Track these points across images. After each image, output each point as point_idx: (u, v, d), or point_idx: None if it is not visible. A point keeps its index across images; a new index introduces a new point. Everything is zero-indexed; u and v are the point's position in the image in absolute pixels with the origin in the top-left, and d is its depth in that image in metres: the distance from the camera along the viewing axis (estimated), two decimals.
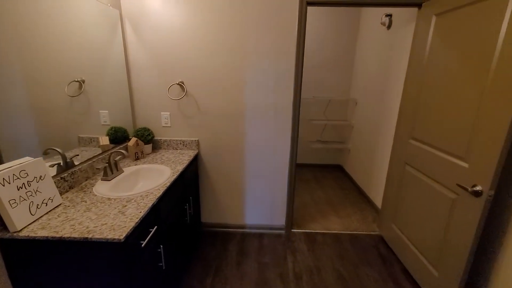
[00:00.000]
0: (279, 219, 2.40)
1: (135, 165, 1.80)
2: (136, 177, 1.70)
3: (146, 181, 1.69)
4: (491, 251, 1.45)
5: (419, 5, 1.89)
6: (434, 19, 1.72)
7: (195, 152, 2.14)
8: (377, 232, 2.42)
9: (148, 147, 2.07)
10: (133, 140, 1.90)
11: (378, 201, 2.72)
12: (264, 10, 1.90)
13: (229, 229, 2.43)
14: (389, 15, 2.67)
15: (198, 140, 2.19)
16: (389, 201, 2.21)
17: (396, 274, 1.93)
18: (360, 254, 2.14)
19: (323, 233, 2.42)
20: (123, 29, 1.94)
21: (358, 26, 3.54)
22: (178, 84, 2.06)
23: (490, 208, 1.40)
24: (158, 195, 1.35)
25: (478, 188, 1.32)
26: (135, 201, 1.29)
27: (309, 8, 3.45)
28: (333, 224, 2.56)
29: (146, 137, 2.04)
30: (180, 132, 2.18)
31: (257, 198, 2.35)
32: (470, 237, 1.37)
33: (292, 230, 2.44)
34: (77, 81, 1.51)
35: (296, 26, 1.92)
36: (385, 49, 2.75)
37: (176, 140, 2.17)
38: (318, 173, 3.88)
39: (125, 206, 1.24)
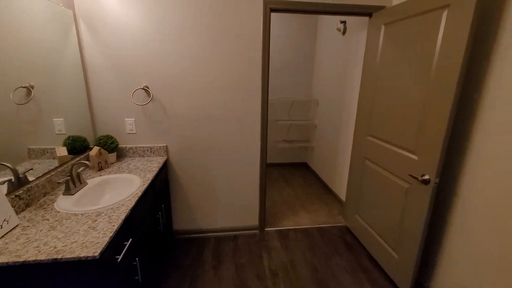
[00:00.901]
0: (253, 220, 2.45)
1: (100, 176, 1.69)
2: (102, 188, 1.60)
3: (114, 193, 1.60)
4: (439, 235, 1.67)
5: (369, 15, 2.09)
6: (383, 27, 1.92)
7: (164, 158, 2.08)
8: (343, 223, 2.61)
9: (112, 156, 1.95)
10: (96, 149, 1.78)
11: (342, 194, 2.92)
12: (231, 14, 1.92)
13: (203, 234, 2.41)
14: (344, 22, 2.89)
15: (166, 146, 2.13)
16: (352, 194, 2.40)
17: (363, 260, 2.11)
18: (330, 246, 2.29)
19: (294, 229, 2.53)
20: (77, 30, 1.81)
21: (316, 32, 3.75)
22: (142, 88, 1.98)
23: (436, 195, 1.62)
24: (131, 206, 1.30)
25: (426, 177, 1.52)
26: (105, 214, 1.22)
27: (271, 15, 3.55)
28: (303, 219, 2.69)
29: (110, 145, 1.93)
30: (147, 138, 2.09)
31: (229, 200, 2.36)
32: (422, 220, 1.57)
33: (265, 229, 2.50)
34: (25, 87, 1.37)
35: (261, 31, 1.98)
36: (342, 53, 2.97)
37: (143, 147, 2.08)
38: (286, 172, 4.02)
39: (95, 220, 1.17)
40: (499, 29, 1.28)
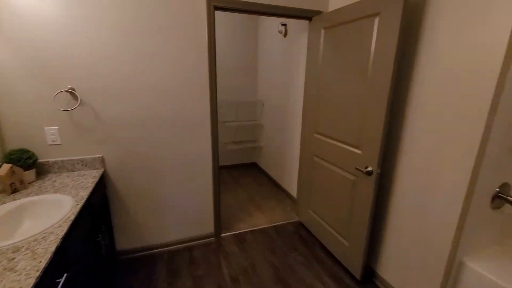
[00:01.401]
0: (208, 227, 2.33)
1: (15, 200, 1.35)
2: (18, 216, 1.28)
3: (36, 220, 1.31)
4: (383, 220, 1.86)
5: (309, 19, 2.20)
6: (323, 31, 2.04)
7: (101, 171, 1.80)
8: (297, 219, 2.70)
9: (30, 174, 1.60)
10: (5, 167, 1.42)
11: (293, 191, 3.03)
12: (173, 11, 1.78)
13: (155, 251, 2.19)
14: (284, 25, 2.99)
15: (102, 157, 1.85)
16: (303, 190, 2.50)
17: (317, 252, 2.21)
18: (286, 242, 2.33)
19: (251, 230, 2.50)
20: None
21: (257, 34, 3.81)
22: (67, 91, 1.67)
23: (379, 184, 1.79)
24: (62, 233, 1.07)
25: (369, 168, 1.67)
26: (27, 248, 0.97)
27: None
28: (259, 220, 2.69)
29: (26, 161, 1.57)
30: (77, 149, 1.79)
31: (181, 210, 2.20)
32: (368, 208, 1.72)
33: (222, 235, 2.41)
34: None
35: (206, 30, 1.89)
36: (284, 54, 3.07)
37: (72, 159, 1.77)
38: (237, 173, 3.98)
39: (13, 259, 0.92)
40: (419, 36, 1.48)
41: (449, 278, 1.45)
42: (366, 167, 1.69)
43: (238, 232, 2.48)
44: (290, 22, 2.90)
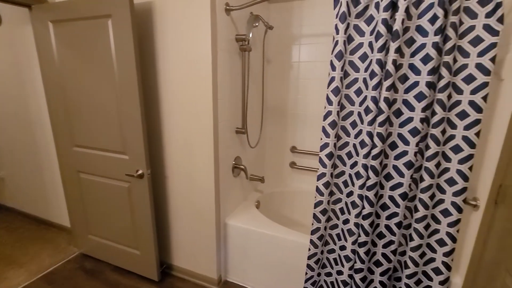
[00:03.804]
0: None
1: None
2: None
3: None
4: (166, 217, 1.96)
5: (28, 6, 1.74)
6: (51, 25, 1.69)
7: None
8: (77, 252, 2.22)
9: None
10: None
11: (66, 221, 2.44)
12: None
13: None
14: None
15: None
16: (77, 215, 2.08)
17: (109, 276, 1.96)
18: (68, 286, 1.86)
19: None
20: None
21: None
22: None
23: (155, 183, 1.85)
24: None
25: (140, 171, 1.67)
26: None
27: None
28: (16, 279, 1.92)
29: None
30: None
31: None
32: (148, 209, 1.74)
33: None
34: None
35: None
36: (4, 47, 2.27)
37: None
38: None
39: None
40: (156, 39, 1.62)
41: (220, 239, 1.83)
42: (137, 171, 1.68)
43: None
44: (3, 7, 2.15)
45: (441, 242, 1.24)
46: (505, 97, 1.12)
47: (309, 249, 1.51)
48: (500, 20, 1.02)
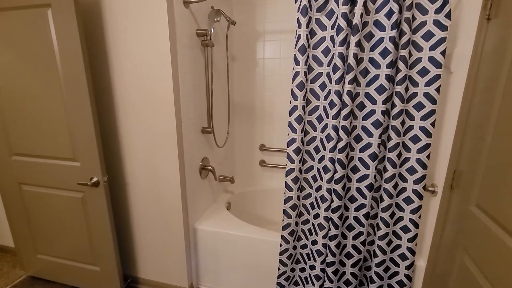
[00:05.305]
0: None
1: None
2: None
3: None
4: (128, 227, 1.80)
5: None
6: None
7: None
8: (25, 275, 1.95)
9: None
10: None
11: (8, 241, 2.14)
12: None
13: None
14: None
15: None
16: (21, 233, 1.83)
17: None
18: None
19: None
20: None
21: None
22: None
23: (114, 191, 1.69)
24: None
25: (95, 179, 1.51)
26: None
27: None
28: None
29: None
30: None
31: None
32: (107, 220, 1.58)
33: None
34: None
35: None
36: None
37: None
38: None
39: None
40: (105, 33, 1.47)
41: (190, 245, 1.74)
42: (91, 179, 1.51)
43: None
44: None
45: (405, 229, 1.29)
46: (454, 88, 1.19)
47: (281, 245, 1.49)
48: (448, 16, 1.09)
